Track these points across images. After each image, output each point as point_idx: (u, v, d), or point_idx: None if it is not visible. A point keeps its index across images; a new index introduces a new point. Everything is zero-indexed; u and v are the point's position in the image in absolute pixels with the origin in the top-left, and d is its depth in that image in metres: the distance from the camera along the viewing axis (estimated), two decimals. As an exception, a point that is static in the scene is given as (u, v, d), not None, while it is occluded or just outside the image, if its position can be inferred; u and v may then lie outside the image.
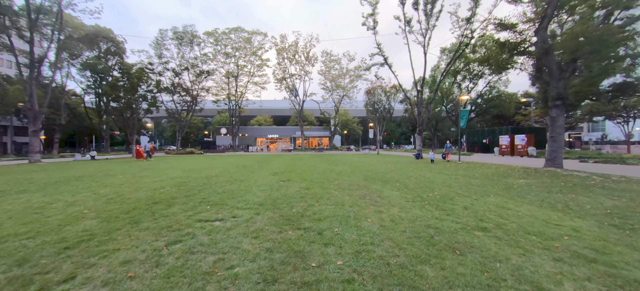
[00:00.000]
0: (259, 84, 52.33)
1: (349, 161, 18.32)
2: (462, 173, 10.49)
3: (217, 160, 20.89)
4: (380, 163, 16.91)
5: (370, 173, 10.72)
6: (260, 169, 13.12)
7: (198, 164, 16.46)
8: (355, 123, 73.58)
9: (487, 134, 35.98)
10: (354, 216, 4.39)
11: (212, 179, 8.69)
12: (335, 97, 54.12)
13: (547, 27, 11.06)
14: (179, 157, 28.30)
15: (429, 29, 23.04)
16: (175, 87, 46.43)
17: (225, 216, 4.43)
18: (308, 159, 20.97)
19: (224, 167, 14.09)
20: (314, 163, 16.33)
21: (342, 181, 8.40)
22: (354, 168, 13.32)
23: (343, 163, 16.98)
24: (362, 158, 23.86)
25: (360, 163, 16.95)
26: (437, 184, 7.83)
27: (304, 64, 49.41)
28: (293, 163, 16.52)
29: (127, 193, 6.52)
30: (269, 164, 16.11)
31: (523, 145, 24.48)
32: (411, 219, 4.24)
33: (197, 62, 47.01)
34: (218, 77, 50.58)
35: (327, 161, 18.27)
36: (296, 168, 13.32)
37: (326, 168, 12.97)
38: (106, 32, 44.17)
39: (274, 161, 19.55)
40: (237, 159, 22.51)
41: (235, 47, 47.82)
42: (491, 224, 4.05)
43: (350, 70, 52.17)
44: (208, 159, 21.95)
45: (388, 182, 8.24)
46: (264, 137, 58.24)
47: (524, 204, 5.43)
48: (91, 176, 10.27)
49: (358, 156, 28.61)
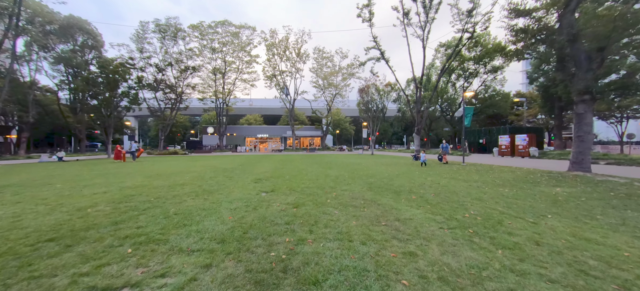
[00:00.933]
0: (248, 82, 50.04)
1: (344, 163, 16.59)
2: (479, 179, 8.90)
3: (197, 162, 18.79)
4: (379, 165, 15.25)
5: (374, 179, 8.98)
6: (242, 173, 11.21)
7: (172, 167, 14.36)
8: (347, 123, 72.13)
9: (483, 134, 35.03)
10: (375, 270, 2.58)
11: (172, 191, 6.74)
12: (327, 95, 52.39)
13: (575, 9, 9.59)
14: (159, 158, 25.92)
15: (428, 22, 21.57)
16: (158, 83, 43.67)
17: (147, 273, 2.54)
18: (299, 161, 19.13)
19: (199, 171, 12.09)
20: (305, 166, 14.53)
21: (342, 192, 6.61)
22: (352, 171, 11.58)
23: (338, 165, 15.24)
24: (357, 159, 22.21)
25: (357, 165, 15.25)
26: (462, 196, 6.15)
27: (295, 61, 47.45)
28: (282, 166, 14.66)
29: (32, 216, 4.51)
30: (255, 166, 14.20)
31: (524, 145, 23.36)
32: (473, 276, 2.49)
33: (182, 57, 44.39)
34: (205, 73, 48.07)
35: (320, 163, 16.50)
36: (284, 172, 11.47)
37: (319, 173, 11.16)
38: (81, 23, 41.07)
39: (261, 162, 17.63)
40: (220, 160, 20.44)
41: (222, 42, 45.37)
42: (614, 287, 2.33)
43: (343, 68, 50.58)
44: (187, 161, 19.79)
45: (400, 193, 6.50)
46: (254, 136, 55.95)
47: (607, 231, 3.76)
48: (22, 184, 8.11)
49: (352, 156, 26.96)
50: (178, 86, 44.43)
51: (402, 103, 52.74)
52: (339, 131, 68.30)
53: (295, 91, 49.42)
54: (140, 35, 42.10)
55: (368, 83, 36.23)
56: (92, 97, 44.59)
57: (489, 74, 39.36)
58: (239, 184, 7.94)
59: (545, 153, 22.23)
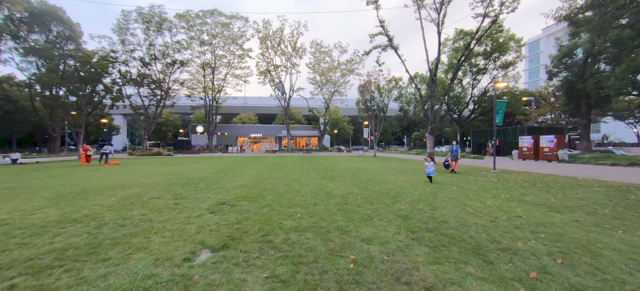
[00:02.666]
0: (240, 78, 46.64)
1: (348, 169, 13.40)
2: (556, 200, 5.78)
3: (173, 166, 15.47)
4: (392, 172, 12.09)
5: (408, 207, 5.78)
6: (215, 184, 8.02)
7: (127, 176, 11.04)
8: (345, 122, 69.04)
9: (497, 134, 32.03)
10: None
11: (70, 229, 3.53)
12: (325, 93, 49.20)
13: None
14: (135, 160, 22.50)
15: (444, 3, 18.47)
16: (142, 78, 40.13)
17: None
18: (293, 165, 15.93)
19: (163, 180, 8.86)
20: (299, 174, 11.33)
21: (364, 249, 3.40)
22: (362, 185, 8.37)
23: (341, 172, 12.05)
24: (360, 162, 19.06)
25: (365, 171, 12.07)
26: (581, 245, 2.98)
27: (291, 55, 44.17)
28: (269, 174, 11.44)
29: None
30: (235, 175, 10.97)
31: (551, 147, 20.41)
32: None
33: (168, 50, 40.89)
34: (194, 69, 44.62)
35: (318, 169, 13.30)
36: (268, 186, 8.27)
37: (318, 188, 7.94)
38: (55, 11, 37.31)
39: (247, 167, 14.38)
40: (201, 163, 17.14)
41: (212, 34, 41.91)
42: None
43: (342, 63, 47.42)
44: (160, 165, 16.45)
45: (479, 252, 3.29)
46: (246, 136, 52.54)
47: None
48: None
49: (353, 159, 23.79)
50: (164, 80, 40.94)
51: (404, 102, 49.72)
52: (337, 131, 65.17)
53: (291, 87, 46.17)
54: (122, 25, 38.47)
55: (370, 78, 33.05)
56: (71, 93, 41.11)
57: (500, 70, 36.50)
58: (198, 210, 4.76)
59: (576, 156, 19.29)
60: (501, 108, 13.42)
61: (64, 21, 38.75)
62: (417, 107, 48.67)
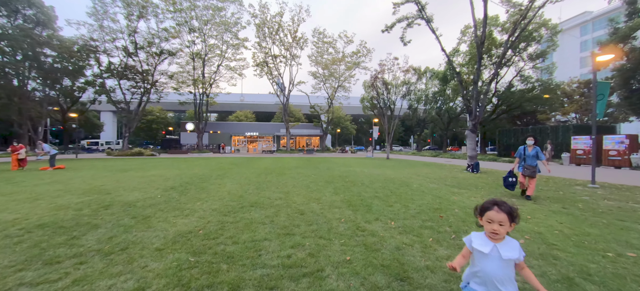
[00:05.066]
0: (235, 70, 42.23)
1: (375, 179, 8.98)
2: None
3: (129, 172, 11.10)
4: (441, 184, 7.71)
5: None
6: (170, 204, 3.65)
7: (51, 187, 6.68)
8: (348, 121, 64.70)
9: (530, 133, 27.67)
10: None
11: None
12: (328, 88, 44.85)
13: None
14: (105, 162, 18.07)
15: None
16: (124, 69, 35.71)
17: None
18: (294, 171, 11.57)
19: (83, 199, 4.48)
20: (306, 188, 6.94)
21: None
22: (441, 227, 4.02)
23: (369, 185, 7.61)
24: (378, 167, 14.71)
25: (406, 186, 7.63)
26: None
27: (290, 46, 39.77)
28: (262, 187, 7.07)
29: None
30: (207, 190, 6.62)
31: (622, 150, 16.11)
32: None
33: (154, 39, 36.44)
34: (184, 60, 40.21)
35: (332, 179, 8.88)
36: (258, 217, 3.92)
37: (357, 232, 3.55)
38: (23, -10, 32.76)
39: (231, 175, 10.01)
40: (173, 169, 12.72)
41: (203, 20, 37.48)
42: None
43: (347, 56, 43.06)
44: (117, 170, 12.04)
45: None
46: (242, 135, 48.10)
47: None
48: None
49: (364, 162, 19.42)
50: (148, 71, 36.48)
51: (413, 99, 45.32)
52: (340, 130, 60.83)
53: (290, 81, 41.78)
54: (98, 7, 33.95)
55: (383, 67, 28.64)
56: (49, 87, 36.69)
57: (527, 62, 32.19)
58: None
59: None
60: (603, 91, 9.07)
61: (34, 4, 34.27)
62: (430, 105, 44.41)
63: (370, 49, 42.43)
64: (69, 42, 34.57)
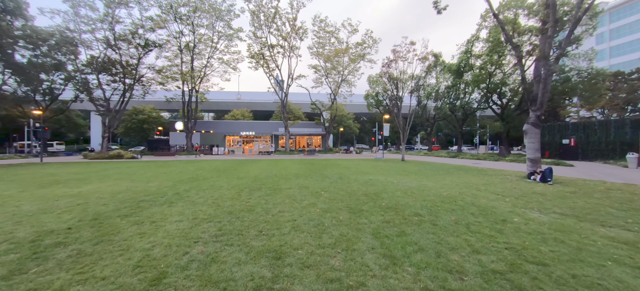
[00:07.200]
0: (229, 64, 38.46)
1: (408, 194, 5.13)
2: None
3: (66, 186, 7.38)
4: (523, 207, 3.99)
5: None
6: None
7: None
8: (351, 120, 60.90)
9: (565, 129, 23.93)
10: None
11: None
12: (330, 82, 41.08)
13: None
14: (68, 167, 14.23)
15: None
16: (105, 63, 31.96)
17: None
18: (292, 181, 7.80)
19: None
20: (309, 218, 3.29)
21: None
22: None
23: (399, 201, 3.91)
24: (401, 174, 10.93)
25: (472, 211, 3.89)
26: None
27: (289, 36, 35.98)
28: (224, 231, 3.38)
29: None
30: (131, 232, 2.94)
31: None
32: None
33: (137, 29, 32.64)
34: (172, 53, 36.46)
35: (348, 198, 5.10)
36: None
37: None
38: (-16, -28, 28.92)
39: (201, 189, 6.25)
40: (136, 178, 8.93)
41: (191, 7, 33.70)
42: None
43: (351, 47, 39.27)
44: (62, 182, 8.31)
45: None
46: (237, 134, 44.35)
47: None
48: None
49: (377, 165, 15.64)
50: (133, 66, 32.73)
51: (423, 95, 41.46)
52: (343, 129, 57.07)
53: (289, 74, 38.00)
54: (73, -7, 30.10)
55: (397, 54, 24.71)
56: (25, 83, 32.96)
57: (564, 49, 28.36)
58: None
59: None
60: None
61: (1, -12, 30.37)
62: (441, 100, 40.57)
63: (376, 39, 38.67)
64: (46, 34, 30.72)
